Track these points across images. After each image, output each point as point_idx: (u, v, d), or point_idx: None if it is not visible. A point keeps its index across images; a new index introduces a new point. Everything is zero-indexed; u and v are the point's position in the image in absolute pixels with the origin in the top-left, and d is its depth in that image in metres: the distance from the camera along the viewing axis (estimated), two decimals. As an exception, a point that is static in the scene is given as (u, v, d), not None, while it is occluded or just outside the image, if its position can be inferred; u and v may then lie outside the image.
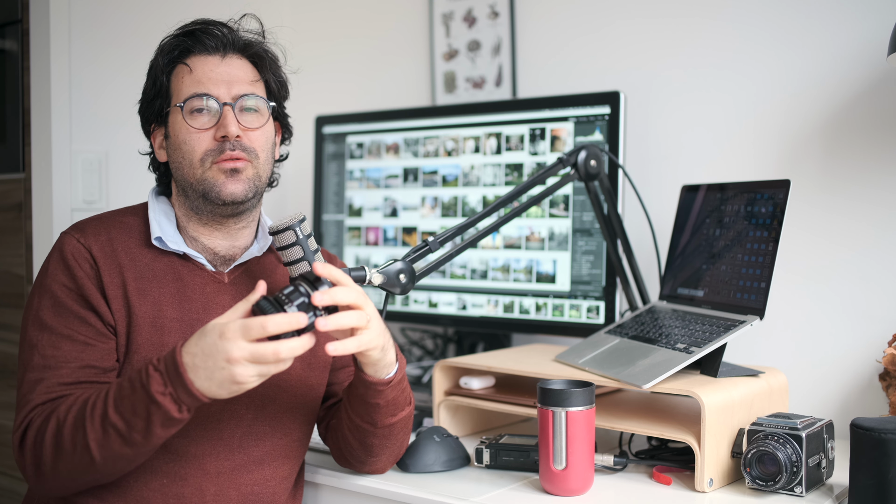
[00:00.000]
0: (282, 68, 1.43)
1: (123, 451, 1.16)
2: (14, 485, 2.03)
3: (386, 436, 1.36)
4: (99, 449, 1.16)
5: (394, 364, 1.30)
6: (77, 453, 1.17)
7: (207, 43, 1.34)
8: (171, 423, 1.15)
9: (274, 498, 1.36)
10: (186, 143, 1.32)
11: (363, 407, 1.32)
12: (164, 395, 1.12)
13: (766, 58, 1.77)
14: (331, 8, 2.43)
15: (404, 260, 1.42)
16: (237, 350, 1.09)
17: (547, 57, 2.05)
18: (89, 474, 1.20)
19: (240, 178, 1.33)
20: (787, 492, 1.31)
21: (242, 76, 1.35)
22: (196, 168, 1.32)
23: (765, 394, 1.45)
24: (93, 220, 1.36)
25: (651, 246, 1.80)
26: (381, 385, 1.29)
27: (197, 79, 1.33)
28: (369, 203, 2.11)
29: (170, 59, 1.35)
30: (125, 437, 1.15)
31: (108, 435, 1.15)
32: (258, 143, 1.35)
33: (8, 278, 2.04)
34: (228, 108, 1.32)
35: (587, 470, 1.35)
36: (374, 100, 2.33)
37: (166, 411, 1.13)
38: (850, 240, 1.68)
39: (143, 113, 1.40)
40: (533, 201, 1.61)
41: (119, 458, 1.17)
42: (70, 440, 1.17)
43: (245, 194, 1.33)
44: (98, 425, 1.16)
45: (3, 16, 2.03)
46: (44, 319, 1.28)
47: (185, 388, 1.11)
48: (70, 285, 1.29)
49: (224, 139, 1.31)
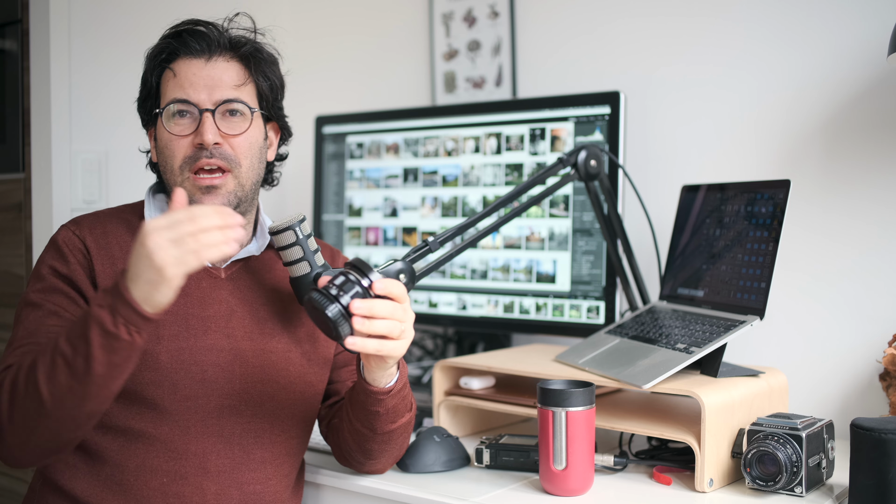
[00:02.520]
0: (277, 69, 1.42)
1: (70, 383, 1.10)
2: (14, 485, 2.03)
3: (385, 441, 1.36)
4: (47, 382, 1.11)
5: (395, 374, 1.30)
6: (28, 395, 1.12)
7: (192, 45, 1.33)
8: (109, 341, 1.09)
9: (275, 496, 1.36)
10: (168, 149, 1.33)
11: (363, 413, 1.32)
12: (102, 308, 1.09)
13: (767, 57, 1.77)
14: (330, 8, 2.43)
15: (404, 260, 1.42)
16: (151, 222, 1.06)
17: (547, 57, 2.05)
18: (43, 420, 1.13)
19: (217, 193, 1.32)
20: (788, 492, 1.31)
21: (227, 80, 1.34)
22: (176, 175, 1.33)
23: (765, 394, 1.45)
24: (89, 215, 1.37)
25: (651, 246, 1.80)
26: (381, 394, 1.29)
27: (179, 83, 1.32)
28: (369, 203, 2.11)
29: (157, 62, 1.35)
30: (70, 364, 1.10)
31: (55, 366, 1.11)
32: (241, 150, 1.34)
33: (8, 278, 2.04)
34: (207, 114, 1.31)
35: (587, 470, 1.35)
36: (374, 100, 2.33)
37: (101, 322, 1.08)
38: (850, 240, 1.68)
39: (140, 112, 1.41)
40: (533, 201, 1.61)
41: (66, 393, 1.11)
42: (24, 382, 1.13)
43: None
44: (48, 358, 1.12)
45: (3, 16, 2.03)
46: (32, 299, 1.28)
47: (120, 297, 1.08)
48: (62, 270, 1.29)
49: (201, 147, 1.31)
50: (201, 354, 1.31)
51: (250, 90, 1.37)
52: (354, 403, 1.33)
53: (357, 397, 1.32)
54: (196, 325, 1.32)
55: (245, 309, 1.37)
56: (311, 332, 1.42)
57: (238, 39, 1.37)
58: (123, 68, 2.01)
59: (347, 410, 1.35)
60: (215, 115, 1.32)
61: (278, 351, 1.37)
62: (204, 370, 1.31)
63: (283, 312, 1.40)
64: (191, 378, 1.30)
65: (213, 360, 1.32)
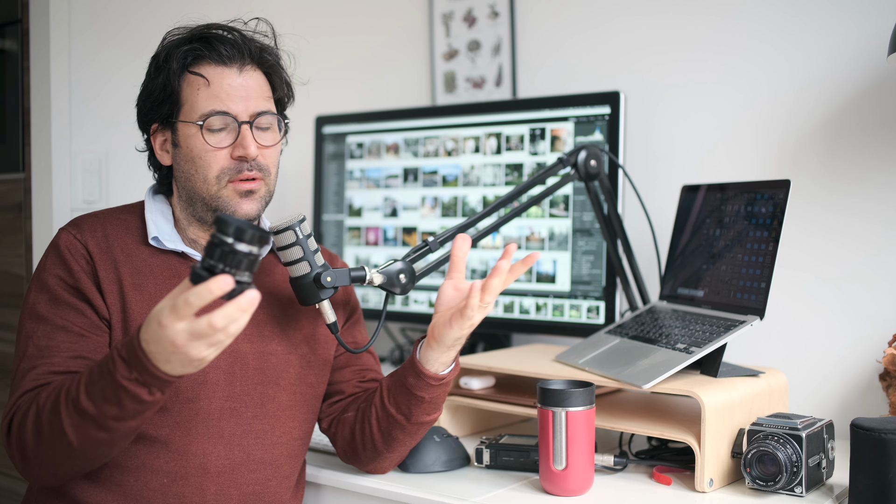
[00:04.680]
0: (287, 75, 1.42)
1: (100, 435, 1.14)
2: (14, 485, 2.03)
3: (412, 433, 1.37)
4: (75, 434, 1.14)
5: (451, 363, 1.34)
6: (55, 439, 1.15)
7: (224, 52, 1.32)
8: (143, 405, 1.11)
9: (276, 497, 1.36)
10: (202, 160, 1.31)
11: (406, 398, 1.33)
12: (131, 381, 1.09)
13: (767, 57, 1.77)
14: (330, 8, 2.43)
15: (404, 260, 1.42)
16: (177, 335, 1.04)
17: (547, 57, 2.05)
18: (71, 460, 1.18)
19: (254, 197, 1.34)
20: (788, 492, 1.31)
21: (259, 91, 1.34)
22: (211, 185, 1.32)
23: (765, 394, 1.45)
24: (89, 216, 1.36)
25: (651, 246, 1.80)
26: (434, 380, 1.32)
27: (215, 93, 1.31)
28: (369, 203, 2.11)
29: (182, 65, 1.32)
30: (99, 423, 1.12)
31: (83, 420, 1.13)
32: (272, 160, 1.36)
33: (8, 278, 2.04)
34: (247, 127, 1.31)
35: (587, 470, 1.35)
36: (374, 100, 2.32)
37: (136, 395, 1.09)
38: (851, 239, 1.68)
39: (145, 111, 1.37)
40: (533, 201, 1.61)
41: (97, 442, 1.15)
42: (48, 426, 1.15)
43: (258, 212, 1.35)
44: (72, 410, 1.13)
45: (3, 16, 2.03)
46: (40, 312, 1.28)
47: (149, 372, 1.08)
48: (66, 278, 1.29)
49: (241, 159, 1.31)
50: None
51: (273, 102, 1.38)
52: (397, 388, 1.34)
53: (404, 381, 1.33)
54: None
55: None
56: (311, 333, 1.42)
57: (265, 49, 1.37)
58: (123, 68, 2.01)
59: (383, 396, 1.36)
60: (252, 128, 1.32)
61: (278, 353, 1.37)
62: (205, 372, 1.31)
63: (283, 315, 1.40)
64: (192, 380, 1.30)
65: (214, 362, 1.32)
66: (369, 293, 2.09)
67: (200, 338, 1.03)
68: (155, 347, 1.06)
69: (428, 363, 1.32)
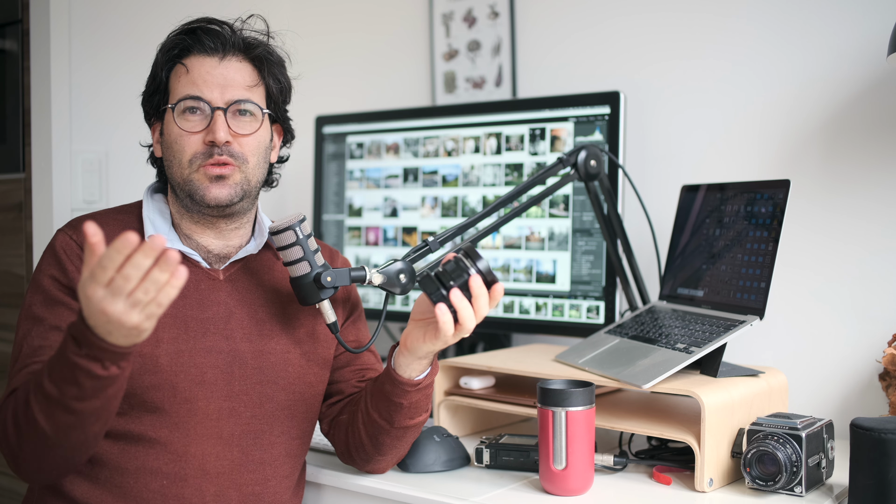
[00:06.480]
0: (286, 72, 1.43)
1: (68, 419, 1.12)
2: (14, 485, 2.03)
3: (399, 437, 1.36)
4: (46, 421, 1.12)
5: (427, 368, 1.32)
6: (31, 429, 1.14)
7: (207, 43, 1.34)
8: (100, 381, 1.09)
9: (275, 498, 1.36)
10: (177, 143, 1.33)
11: (385, 404, 1.32)
12: (82, 357, 1.07)
13: (767, 57, 1.77)
14: (330, 7, 2.43)
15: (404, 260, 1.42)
16: (100, 301, 1.02)
17: (547, 57, 2.05)
18: (51, 450, 1.16)
19: (225, 183, 1.33)
20: (787, 492, 1.31)
21: (239, 80, 1.35)
22: (184, 169, 1.33)
23: (765, 394, 1.45)
24: (86, 217, 1.37)
25: (651, 246, 1.80)
26: (408, 386, 1.30)
27: (192, 80, 1.33)
28: (369, 203, 2.11)
29: (169, 57, 1.35)
30: (63, 405, 1.10)
31: (49, 405, 1.11)
32: (248, 149, 1.35)
33: (8, 278, 2.04)
34: (219, 112, 1.32)
35: (587, 470, 1.35)
36: (374, 100, 2.33)
37: (89, 371, 1.08)
38: (851, 239, 1.68)
39: (145, 107, 1.41)
40: (533, 201, 1.61)
41: (67, 427, 1.13)
42: (24, 417, 1.15)
43: (230, 198, 1.33)
44: (40, 397, 1.12)
45: (3, 16, 2.03)
46: (35, 312, 1.28)
47: (96, 346, 1.07)
48: (61, 278, 1.29)
49: (212, 144, 1.32)
50: (200, 357, 1.31)
51: (260, 91, 1.38)
52: (377, 394, 1.33)
53: (382, 388, 1.32)
54: (195, 328, 1.32)
55: (244, 310, 1.37)
56: (311, 332, 1.42)
57: (251, 41, 1.38)
58: (123, 68, 2.01)
59: (367, 401, 1.35)
60: (227, 114, 1.33)
61: (277, 352, 1.37)
62: (203, 372, 1.31)
63: (282, 313, 1.40)
64: (190, 380, 1.30)
65: (212, 362, 1.32)
66: (369, 293, 2.09)
67: (118, 293, 1.01)
68: (94, 321, 1.05)
69: (401, 369, 1.31)
